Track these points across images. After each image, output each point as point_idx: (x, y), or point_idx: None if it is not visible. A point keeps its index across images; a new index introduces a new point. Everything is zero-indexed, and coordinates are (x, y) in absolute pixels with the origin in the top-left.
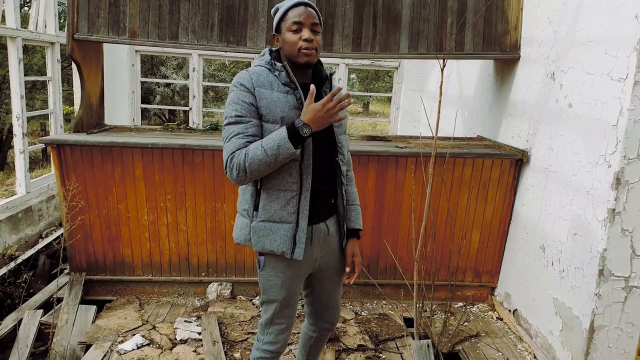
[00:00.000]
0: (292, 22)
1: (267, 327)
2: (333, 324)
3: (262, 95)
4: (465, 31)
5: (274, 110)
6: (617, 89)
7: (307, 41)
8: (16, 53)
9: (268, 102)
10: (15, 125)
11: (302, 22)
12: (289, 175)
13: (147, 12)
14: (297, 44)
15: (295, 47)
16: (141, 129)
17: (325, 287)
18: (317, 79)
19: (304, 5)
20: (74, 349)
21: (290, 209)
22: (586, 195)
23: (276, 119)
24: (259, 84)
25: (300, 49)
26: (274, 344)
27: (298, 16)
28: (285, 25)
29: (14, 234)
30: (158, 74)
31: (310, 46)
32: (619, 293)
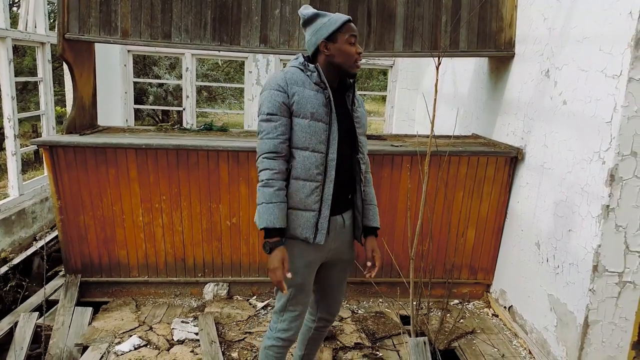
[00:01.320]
0: (350, 35)
1: (281, 314)
2: (332, 316)
3: (295, 91)
4: (459, 29)
5: (305, 105)
6: (611, 85)
7: (360, 54)
8: (6, 53)
9: (300, 98)
10: (7, 126)
11: (356, 36)
12: (315, 167)
13: (139, 11)
14: (353, 56)
15: (352, 59)
16: (135, 129)
17: (332, 278)
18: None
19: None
20: (70, 351)
21: (314, 197)
22: (580, 192)
23: (306, 114)
24: (293, 82)
25: (356, 61)
26: (287, 331)
27: (354, 31)
28: (344, 37)
29: (8, 237)
30: (151, 74)
31: (360, 59)
32: (613, 288)
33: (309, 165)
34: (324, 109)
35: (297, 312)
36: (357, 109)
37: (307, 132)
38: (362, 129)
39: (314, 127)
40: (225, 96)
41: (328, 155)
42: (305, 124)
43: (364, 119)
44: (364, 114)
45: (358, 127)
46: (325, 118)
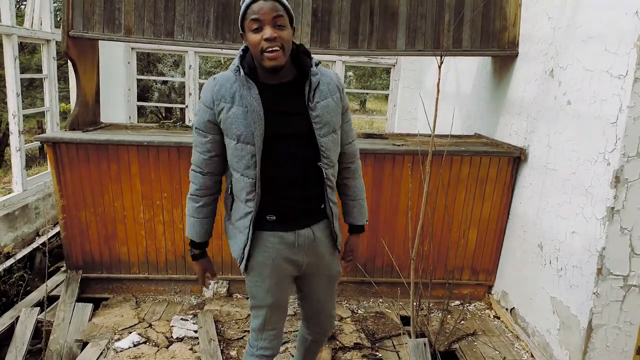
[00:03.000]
0: (250, 19)
1: (260, 333)
2: (325, 331)
3: (222, 108)
4: (462, 28)
5: (230, 126)
6: (616, 86)
7: (269, 40)
8: (12, 50)
9: (226, 117)
10: (12, 123)
11: (262, 18)
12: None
13: (142, 9)
14: (259, 44)
15: (258, 49)
16: (137, 126)
17: (316, 293)
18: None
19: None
20: (70, 347)
21: (246, 222)
22: (585, 194)
23: (233, 136)
24: (220, 97)
25: (263, 51)
26: (269, 349)
27: (256, 12)
28: (248, 25)
29: (11, 232)
30: (155, 72)
31: (272, 46)
32: (618, 292)
33: (240, 189)
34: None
35: (276, 331)
36: (317, 104)
37: (234, 155)
38: (326, 128)
39: (240, 150)
40: None
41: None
42: (232, 146)
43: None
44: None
45: (317, 127)
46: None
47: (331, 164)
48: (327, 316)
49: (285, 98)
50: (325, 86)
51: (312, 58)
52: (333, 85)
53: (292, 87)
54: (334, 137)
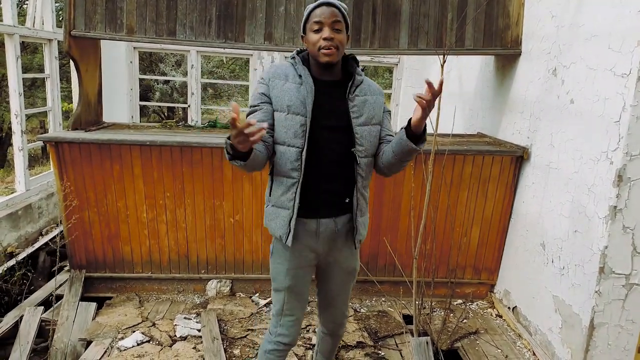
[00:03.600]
0: (313, 22)
1: (279, 319)
2: (336, 324)
3: (275, 85)
4: (465, 26)
5: (282, 98)
6: (620, 84)
7: (327, 40)
8: (14, 50)
9: (278, 92)
10: (14, 122)
11: (323, 21)
12: (290, 162)
13: (144, 8)
14: (317, 43)
15: (316, 47)
16: (139, 126)
17: (331, 285)
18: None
19: (326, 4)
20: (74, 346)
21: (289, 195)
22: (587, 192)
23: (283, 107)
24: (275, 76)
25: (320, 48)
26: (287, 336)
27: (319, 16)
28: (310, 26)
29: (14, 232)
30: (157, 71)
31: (329, 45)
32: (620, 290)
33: (284, 161)
34: (303, 101)
35: (294, 318)
36: (356, 97)
37: (284, 125)
38: (363, 119)
39: (290, 120)
40: (230, 93)
41: (303, 149)
42: (282, 118)
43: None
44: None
45: (354, 116)
46: (303, 111)
47: (365, 153)
48: (338, 309)
49: (330, 93)
50: (367, 87)
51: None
52: (375, 88)
53: (338, 85)
54: (371, 129)
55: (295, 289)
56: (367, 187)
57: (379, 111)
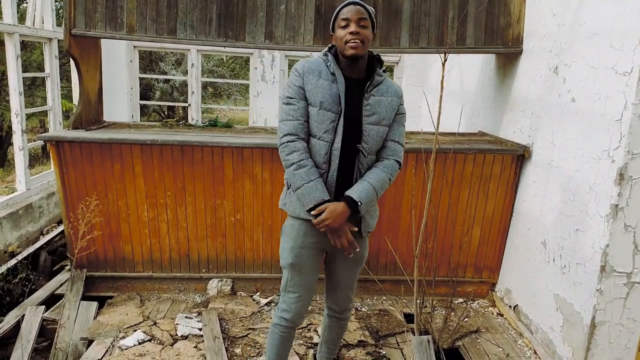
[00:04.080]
0: (342, 19)
1: (283, 294)
2: (340, 309)
3: (309, 80)
4: (466, 25)
5: (315, 94)
6: (621, 83)
7: (353, 34)
8: (14, 49)
9: (312, 87)
10: (14, 122)
11: (350, 18)
12: (320, 156)
13: (144, 7)
14: (344, 37)
15: (343, 41)
16: (140, 125)
17: (337, 270)
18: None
19: (352, 4)
20: (76, 345)
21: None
22: (589, 191)
23: (316, 102)
24: (309, 71)
25: (347, 42)
26: (288, 312)
27: (346, 13)
28: (338, 23)
29: (15, 231)
30: (157, 70)
31: (354, 38)
32: (621, 289)
33: (315, 153)
34: (335, 99)
35: (296, 295)
36: (372, 96)
37: (316, 119)
38: (374, 118)
39: (322, 115)
40: (230, 92)
41: (333, 144)
42: (314, 112)
43: (378, 107)
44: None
45: (366, 114)
46: (334, 107)
47: (370, 150)
48: (344, 292)
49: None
50: (386, 88)
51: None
52: (393, 90)
53: (361, 83)
54: (379, 129)
55: (298, 266)
56: None
57: (391, 113)
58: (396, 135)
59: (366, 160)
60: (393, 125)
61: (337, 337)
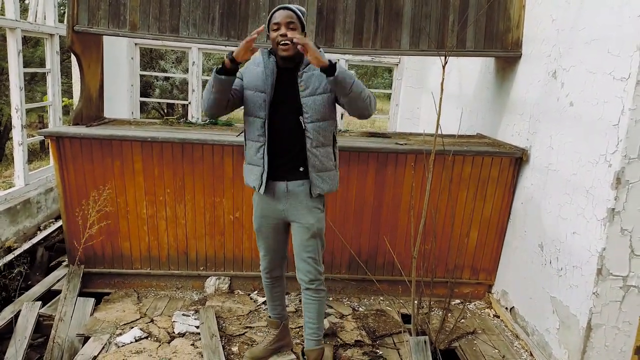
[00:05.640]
0: (273, 22)
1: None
2: (305, 277)
3: (248, 69)
4: (467, 28)
5: (251, 80)
6: (619, 88)
7: (282, 36)
8: (15, 44)
9: (249, 74)
10: (14, 117)
11: (280, 22)
12: (257, 129)
13: (147, 5)
14: (276, 39)
15: (275, 42)
16: (141, 122)
17: (296, 240)
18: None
19: (282, 9)
20: (72, 341)
21: (259, 155)
22: (586, 195)
23: (250, 86)
24: (251, 62)
25: (278, 43)
26: (262, 264)
27: (277, 18)
28: (270, 26)
29: (12, 226)
30: (157, 68)
31: (283, 40)
32: (617, 292)
33: (253, 129)
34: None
35: (262, 252)
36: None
37: (251, 100)
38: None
39: (255, 97)
40: None
41: (265, 120)
42: (249, 94)
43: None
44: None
45: (301, 89)
46: (264, 88)
47: (312, 118)
48: (301, 262)
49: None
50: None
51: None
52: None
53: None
54: (316, 98)
55: (259, 232)
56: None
57: (322, 81)
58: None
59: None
60: None
61: (315, 315)
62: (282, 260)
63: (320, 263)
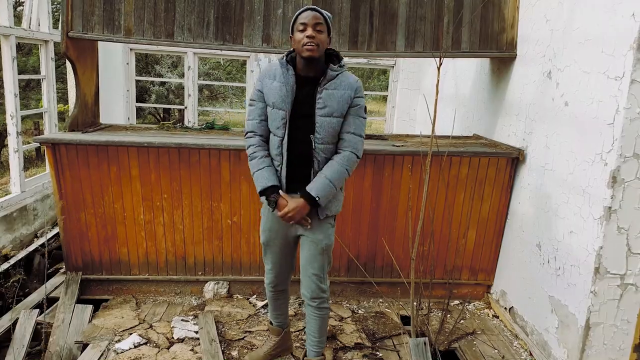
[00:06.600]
0: (299, 23)
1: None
2: (308, 294)
3: (265, 84)
4: (461, 29)
5: (269, 96)
6: (613, 87)
7: (309, 37)
8: (9, 51)
9: (268, 90)
10: (10, 124)
11: (307, 22)
12: (275, 148)
13: (142, 10)
14: (301, 40)
15: (300, 44)
16: (137, 127)
17: (303, 254)
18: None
19: (310, 9)
20: (70, 349)
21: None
22: (582, 194)
23: (270, 103)
24: (267, 76)
25: (304, 45)
26: (266, 278)
27: (304, 18)
28: (296, 27)
29: (9, 234)
30: (153, 73)
31: (311, 42)
32: (615, 290)
33: (272, 147)
34: (284, 99)
35: (268, 267)
36: (324, 90)
37: (271, 117)
38: (326, 110)
39: (274, 114)
40: (226, 95)
41: (284, 138)
42: (270, 111)
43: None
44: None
45: (318, 107)
46: (283, 106)
47: (322, 140)
48: (306, 279)
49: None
50: (339, 82)
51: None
52: (347, 83)
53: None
54: (332, 120)
55: (267, 246)
56: None
57: (342, 106)
58: (351, 127)
59: (321, 149)
60: (348, 117)
61: (317, 329)
62: (288, 274)
63: (324, 281)
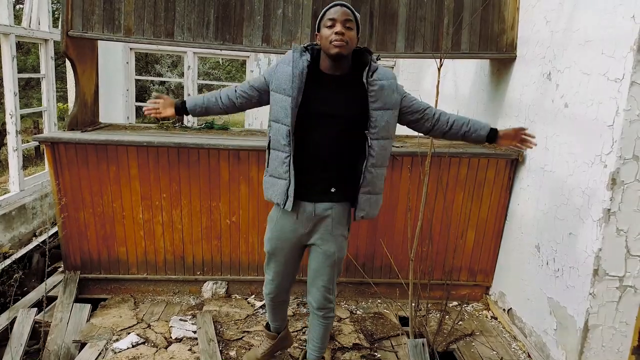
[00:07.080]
0: (327, 19)
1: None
2: (316, 304)
3: (279, 67)
4: (461, 30)
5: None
6: (613, 89)
7: (338, 34)
8: (9, 50)
9: (279, 75)
10: (9, 122)
11: (336, 18)
12: (282, 138)
13: (142, 10)
14: (329, 37)
15: (328, 40)
16: (136, 127)
17: (312, 264)
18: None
19: (339, 5)
20: (68, 348)
21: (285, 167)
22: (581, 195)
23: (279, 89)
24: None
25: (332, 41)
26: (266, 287)
27: (333, 14)
28: (324, 23)
29: (8, 232)
30: (152, 72)
31: (339, 38)
32: (614, 292)
33: (278, 137)
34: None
35: (269, 277)
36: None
37: (278, 104)
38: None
39: (281, 100)
40: None
41: (292, 128)
42: (277, 97)
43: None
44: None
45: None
46: (291, 92)
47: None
48: (315, 289)
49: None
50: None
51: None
52: (390, 74)
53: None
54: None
55: (273, 255)
56: (381, 168)
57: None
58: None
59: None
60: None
61: (319, 336)
62: (290, 285)
63: (332, 292)
